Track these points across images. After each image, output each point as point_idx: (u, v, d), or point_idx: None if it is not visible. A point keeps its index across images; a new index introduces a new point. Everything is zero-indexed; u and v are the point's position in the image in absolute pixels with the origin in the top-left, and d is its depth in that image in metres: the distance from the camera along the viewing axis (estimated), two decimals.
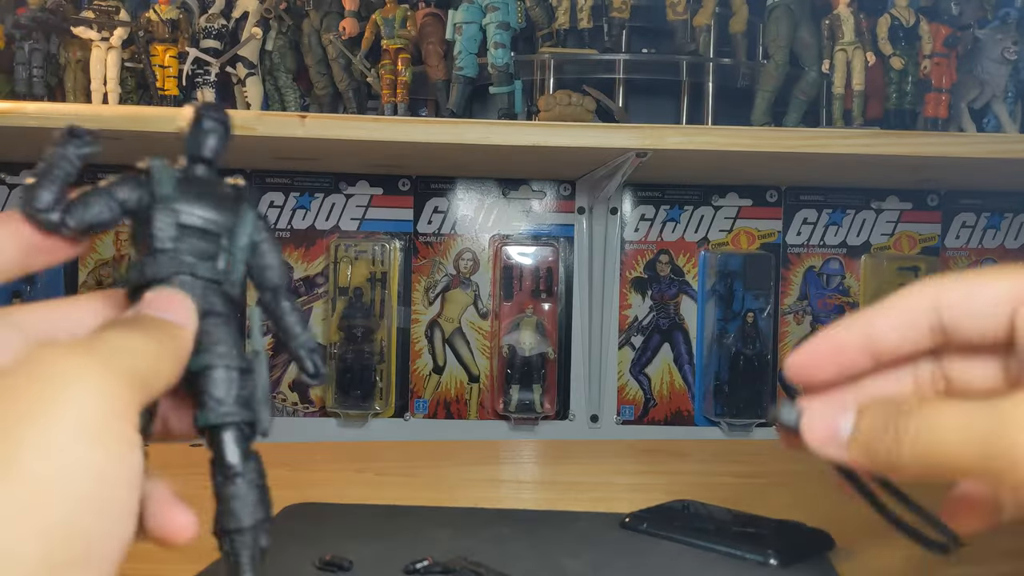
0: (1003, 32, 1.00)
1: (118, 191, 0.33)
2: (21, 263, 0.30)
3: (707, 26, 1.02)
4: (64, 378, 0.24)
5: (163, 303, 0.30)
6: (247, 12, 1.01)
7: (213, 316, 0.31)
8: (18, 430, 0.22)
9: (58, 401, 0.23)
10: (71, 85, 1.01)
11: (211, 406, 0.30)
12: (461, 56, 0.97)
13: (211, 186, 0.35)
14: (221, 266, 0.32)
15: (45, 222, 0.30)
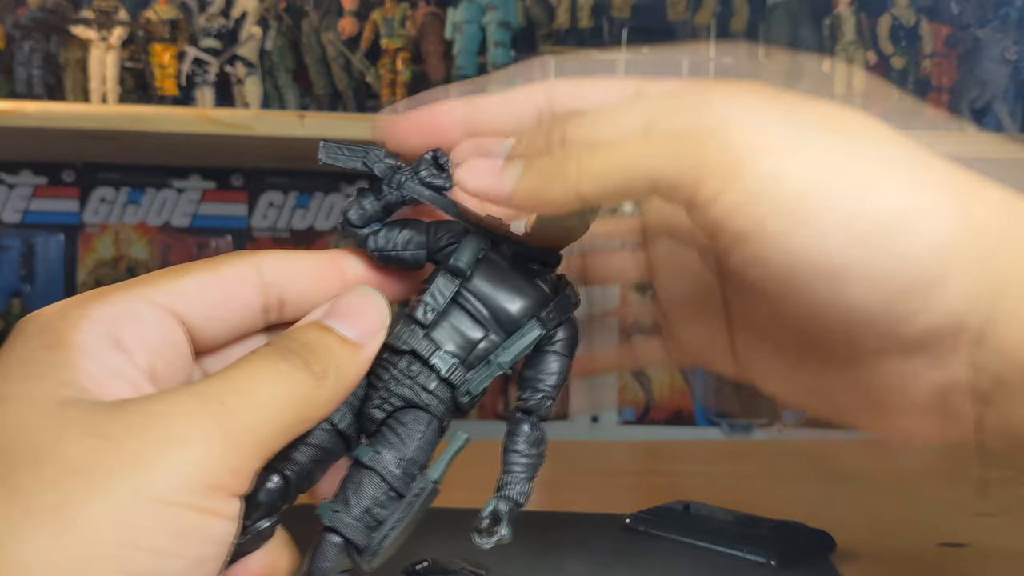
0: (1003, 32, 1.00)
1: (439, 231, 0.28)
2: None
3: (707, 25, 1.02)
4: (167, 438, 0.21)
5: (354, 314, 0.26)
6: (246, 12, 1.01)
7: (422, 412, 0.27)
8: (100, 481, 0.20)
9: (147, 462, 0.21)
10: (71, 85, 1.01)
11: (338, 505, 0.26)
12: (461, 55, 0.97)
13: (521, 274, 0.28)
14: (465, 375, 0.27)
15: (355, 237, 0.27)
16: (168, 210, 1.14)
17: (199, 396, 0.22)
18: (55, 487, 0.20)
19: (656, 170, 0.23)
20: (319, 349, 0.25)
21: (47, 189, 1.14)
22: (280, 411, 0.23)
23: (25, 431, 0.21)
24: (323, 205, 1.15)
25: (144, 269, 1.14)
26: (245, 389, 0.23)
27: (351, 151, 0.28)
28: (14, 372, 0.22)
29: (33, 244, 1.13)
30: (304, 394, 0.24)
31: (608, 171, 0.24)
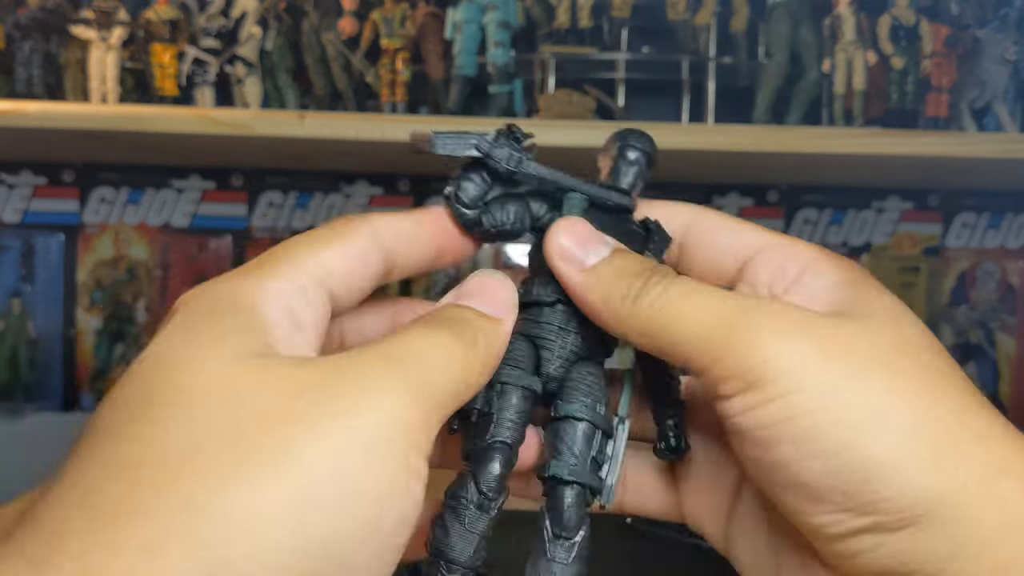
0: (1003, 32, 0.99)
1: (534, 204, 0.30)
2: (431, 261, 0.29)
3: (708, 25, 1.02)
4: (368, 390, 0.22)
5: (485, 292, 0.27)
6: (246, 12, 1.01)
7: (591, 361, 0.30)
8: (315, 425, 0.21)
9: (355, 410, 0.21)
10: (71, 85, 1.01)
11: (566, 459, 0.27)
12: (460, 55, 0.97)
13: (620, 222, 0.31)
14: None
15: (464, 217, 0.29)
16: (168, 210, 1.14)
17: (381, 356, 0.23)
18: (271, 433, 0.20)
19: (694, 352, 0.26)
20: (464, 321, 0.26)
21: (47, 189, 1.14)
22: (450, 375, 0.24)
23: (233, 383, 0.21)
24: (323, 205, 1.15)
25: (144, 269, 1.14)
26: (419, 352, 0.24)
27: (458, 138, 0.29)
28: (204, 335, 0.22)
29: (33, 244, 1.13)
30: (464, 360, 0.25)
31: (655, 333, 0.27)
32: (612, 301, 0.27)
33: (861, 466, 0.24)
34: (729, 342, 0.25)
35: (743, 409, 0.25)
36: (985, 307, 1.19)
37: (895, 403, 0.24)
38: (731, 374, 0.25)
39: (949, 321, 1.19)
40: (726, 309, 0.26)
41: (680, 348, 0.26)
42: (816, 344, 0.25)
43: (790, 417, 0.25)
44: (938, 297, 1.18)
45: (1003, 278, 1.19)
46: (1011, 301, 1.20)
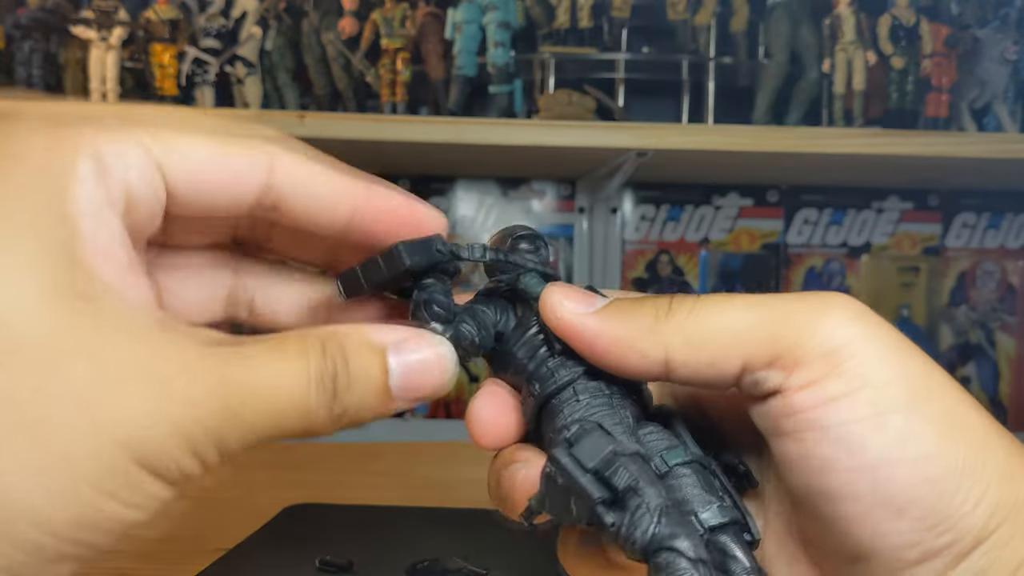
0: (1003, 32, 1.00)
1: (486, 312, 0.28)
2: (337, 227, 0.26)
3: (707, 25, 1.02)
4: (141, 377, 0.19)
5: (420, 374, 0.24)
6: (246, 12, 1.01)
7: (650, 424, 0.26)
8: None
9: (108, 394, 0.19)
10: (71, 85, 1.01)
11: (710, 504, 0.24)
12: (461, 55, 0.97)
13: None
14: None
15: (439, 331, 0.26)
16: None
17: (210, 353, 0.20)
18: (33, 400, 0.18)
19: (754, 346, 0.23)
20: (358, 390, 0.22)
21: None
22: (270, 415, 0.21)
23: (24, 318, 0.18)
24: None
25: None
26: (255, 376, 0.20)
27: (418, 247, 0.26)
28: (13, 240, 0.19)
29: None
30: (307, 419, 0.21)
31: (704, 337, 0.24)
32: (643, 319, 0.24)
33: (947, 474, 0.22)
34: (799, 324, 0.23)
35: (824, 400, 0.22)
36: (985, 307, 1.19)
37: (961, 407, 0.23)
38: (809, 357, 0.22)
39: (949, 321, 1.19)
40: (775, 303, 0.24)
41: (737, 347, 0.23)
42: (889, 335, 0.23)
43: (883, 412, 0.22)
44: (938, 297, 1.18)
45: (1003, 278, 1.19)
46: (1011, 301, 1.20)
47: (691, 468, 0.24)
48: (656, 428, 0.25)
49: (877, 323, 0.23)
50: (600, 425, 0.24)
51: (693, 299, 0.24)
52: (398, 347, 0.24)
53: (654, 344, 0.24)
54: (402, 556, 0.65)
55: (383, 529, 0.73)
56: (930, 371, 0.23)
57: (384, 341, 0.23)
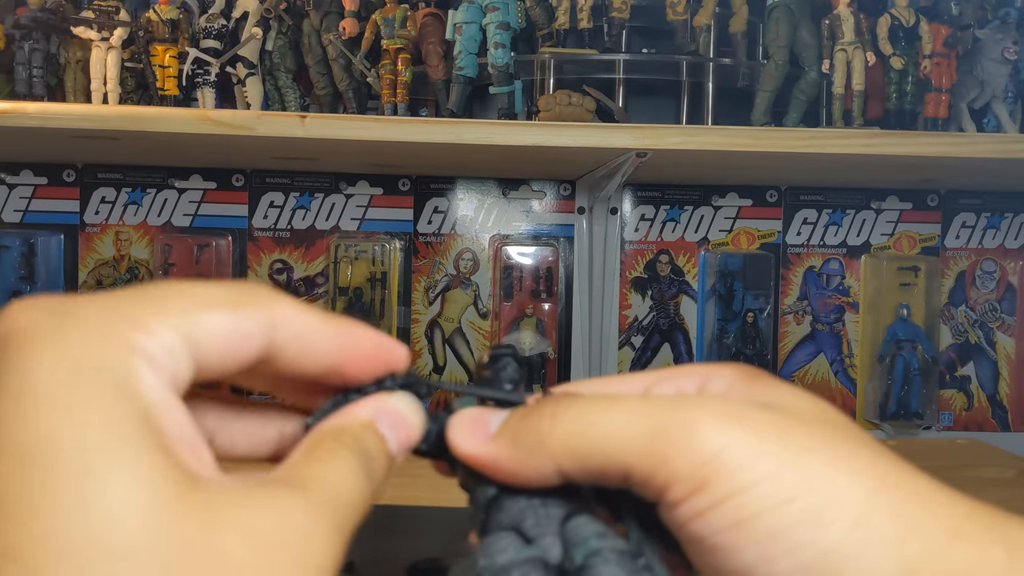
0: (1003, 32, 1.00)
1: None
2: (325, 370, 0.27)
3: (707, 26, 1.02)
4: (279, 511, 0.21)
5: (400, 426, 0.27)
6: (247, 12, 1.01)
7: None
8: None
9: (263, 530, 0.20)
10: (71, 85, 1.01)
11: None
12: (461, 56, 0.97)
13: None
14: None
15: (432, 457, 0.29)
16: (168, 210, 1.15)
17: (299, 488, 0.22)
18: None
19: (633, 460, 0.24)
20: (375, 456, 0.25)
21: (47, 189, 1.14)
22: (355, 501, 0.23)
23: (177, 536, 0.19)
24: (323, 205, 1.15)
25: (145, 269, 1.15)
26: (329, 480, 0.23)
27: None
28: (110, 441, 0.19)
29: (34, 244, 1.13)
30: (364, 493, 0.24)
31: (587, 451, 0.25)
32: (529, 437, 0.25)
33: (827, 557, 0.23)
34: (672, 440, 0.24)
35: (697, 513, 0.23)
36: (984, 307, 1.20)
37: (846, 485, 0.23)
38: (679, 475, 0.23)
39: (948, 321, 1.19)
40: (656, 408, 0.25)
41: (620, 459, 0.24)
42: (757, 432, 0.24)
43: (751, 516, 0.23)
44: (937, 297, 1.18)
45: (1002, 278, 1.20)
46: (1011, 301, 1.20)
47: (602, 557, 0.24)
48: (586, 520, 0.25)
49: (748, 423, 0.24)
50: (518, 529, 0.25)
51: (576, 408, 0.25)
52: (377, 416, 0.26)
53: (545, 461, 0.25)
54: (402, 556, 0.66)
55: (383, 529, 0.73)
56: (807, 452, 0.24)
57: (367, 416, 0.26)
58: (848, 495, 0.23)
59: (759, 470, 0.23)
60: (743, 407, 0.25)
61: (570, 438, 0.25)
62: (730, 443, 0.24)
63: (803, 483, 0.23)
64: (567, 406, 0.25)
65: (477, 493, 0.27)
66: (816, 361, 1.18)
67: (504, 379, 0.29)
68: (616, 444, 0.24)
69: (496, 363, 0.29)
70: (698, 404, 0.25)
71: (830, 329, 1.18)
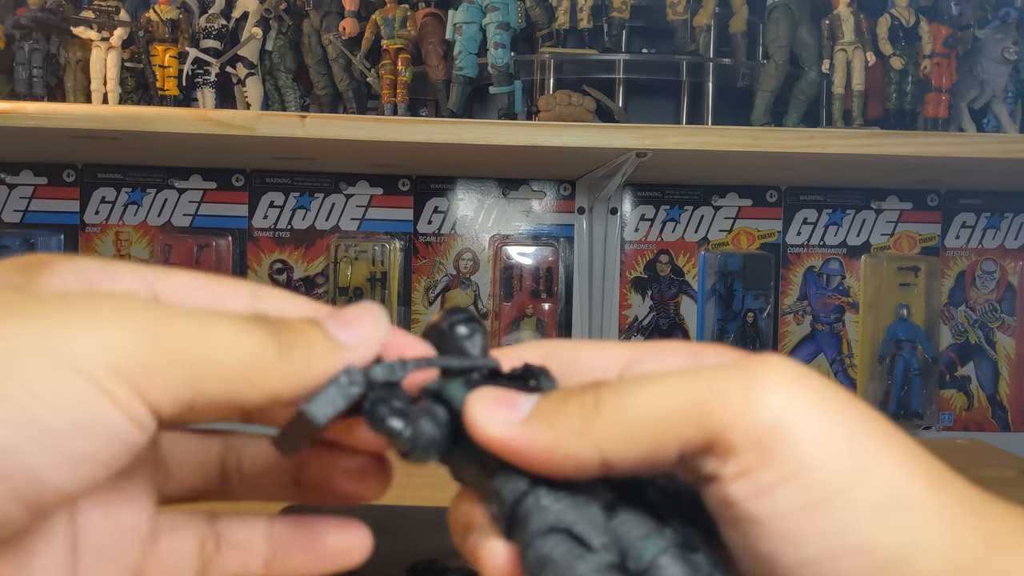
0: (1003, 32, 1.00)
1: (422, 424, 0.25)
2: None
3: (707, 26, 1.02)
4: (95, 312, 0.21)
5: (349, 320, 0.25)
6: (247, 12, 1.01)
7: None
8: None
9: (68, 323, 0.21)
10: (71, 85, 1.01)
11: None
12: (461, 56, 0.97)
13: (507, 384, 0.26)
14: None
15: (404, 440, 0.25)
16: (168, 210, 1.15)
17: (150, 303, 0.22)
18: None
19: (687, 432, 0.22)
20: (295, 330, 0.24)
21: (47, 189, 1.14)
22: (228, 358, 0.22)
23: None
24: (323, 205, 1.15)
25: None
26: (202, 321, 0.22)
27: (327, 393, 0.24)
28: None
29: (34, 244, 1.13)
30: (261, 357, 0.23)
31: (636, 432, 0.23)
32: (570, 421, 0.23)
33: (889, 559, 0.21)
34: (730, 404, 0.22)
35: (761, 490, 0.21)
36: (984, 307, 1.20)
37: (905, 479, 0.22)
38: (740, 444, 0.22)
39: (948, 321, 1.19)
40: (707, 376, 0.23)
41: (673, 435, 0.22)
42: (821, 399, 0.22)
43: (818, 500, 0.21)
44: (937, 297, 1.18)
45: (1002, 278, 1.20)
46: (1011, 301, 1.20)
47: (670, 556, 0.23)
48: (629, 515, 0.24)
49: (812, 390, 0.22)
50: (570, 532, 0.23)
51: (618, 388, 0.23)
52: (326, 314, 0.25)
53: (587, 447, 0.23)
54: (401, 556, 0.66)
55: (383, 529, 0.73)
56: (865, 436, 0.22)
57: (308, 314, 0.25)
58: (909, 488, 0.22)
59: (824, 446, 0.21)
60: (802, 368, 0.23)
61: (616, 421, 0.23)
62: (793, 411, 0.22)
63: (867, 467, 0.22)
64: (608, 388, 0.23)
65: (502, 488, 0.24)
66: (816, 361, 1.18)
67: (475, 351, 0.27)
68: (668, 421, 0.22)
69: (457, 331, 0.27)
70: (756, 362, 0.22)
71: (830, 329, 1.18)
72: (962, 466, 0.25)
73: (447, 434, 0.25)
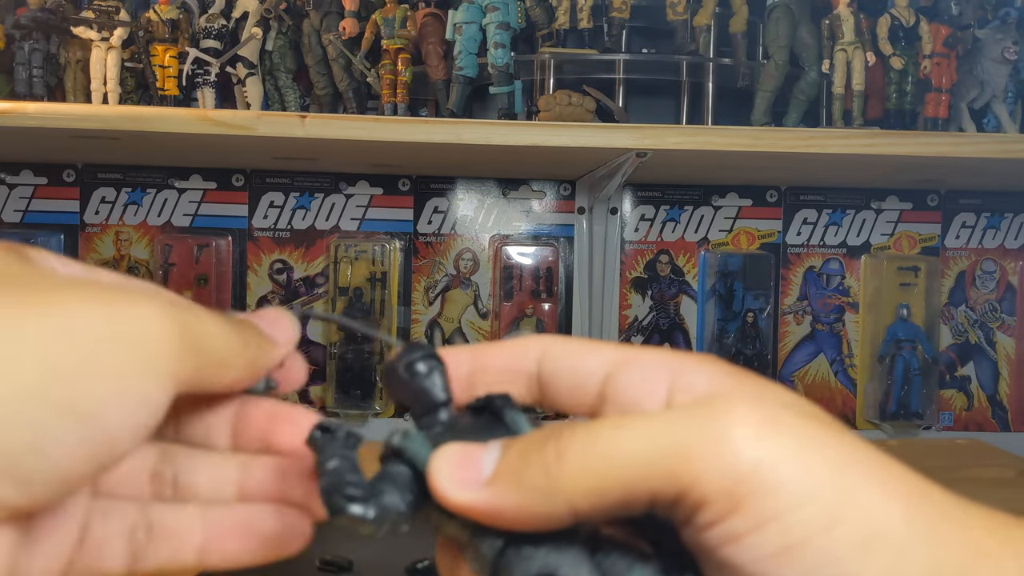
0: (1003, 32, 1.00)
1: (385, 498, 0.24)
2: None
3: (707, 26, 1.02)
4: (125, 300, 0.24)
5: (271, 321, 0.29)
6: (247, 12, 1.01)
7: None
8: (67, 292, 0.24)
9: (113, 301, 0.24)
10: (71, 85, 1.01)
11: None
12: (461, 56, 0.97)
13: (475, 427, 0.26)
14: None
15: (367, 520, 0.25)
16: (168, 210, 1.15)
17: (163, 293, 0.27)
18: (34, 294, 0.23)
19: (657, 483, 0.22)
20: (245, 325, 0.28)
21: (47, 189, 1.14)
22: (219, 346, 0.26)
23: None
24: (323, 205, 1.15)
25: (145, 269, 1.15)
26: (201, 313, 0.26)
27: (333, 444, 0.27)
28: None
29: (34, 244, 1.13)
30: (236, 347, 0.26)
31: (605, 485, 0.22)
32: (535, 477, 0.22)
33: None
34: (701, 455, 0.21)
35: (734, 537, 0.21)
36: (984, 307, 1.20)
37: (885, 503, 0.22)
38: (712, 495, 0.21)
39: (948, 321, 1.19)
40: (677, 421, 0.22)
41: (643, 486, 0.22)
42: (796, 442, 0.22)
43: (798, 542, 0.21)
44: (937, 297, 1.18)
45: (1002, 278, 1.20)
46: (1011, 301, 1.20)
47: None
48: (613, 549, 0.23)
49: (784, 433, 0.22)
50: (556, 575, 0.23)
51: (583, 437, 0.22)
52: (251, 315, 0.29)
53: (555, 502, 0.22)
54: (401, 556, 0.66)
55: None
56: (842, 466, 0.22)
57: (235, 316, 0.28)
58: (889, 518, 0.22)
59: (803, 489, 0.21)
60: (774, 408, 0.22)
61: (583, 473, 0.22)
62: (768, 456, 0.21)
63: (846, 503, 0.21)
64: (571, 435, 0.23)
65: (480, 545, 0.24)
66: (816, 361, 1.18)
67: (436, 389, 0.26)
68: (636, 471, 0.22)
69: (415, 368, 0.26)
70: (725, 409, 0.22)
71: (830, 329, 1.18)
72: (962, 466, 0.25)
73: (414, 497, 0.24)
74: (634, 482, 0.22)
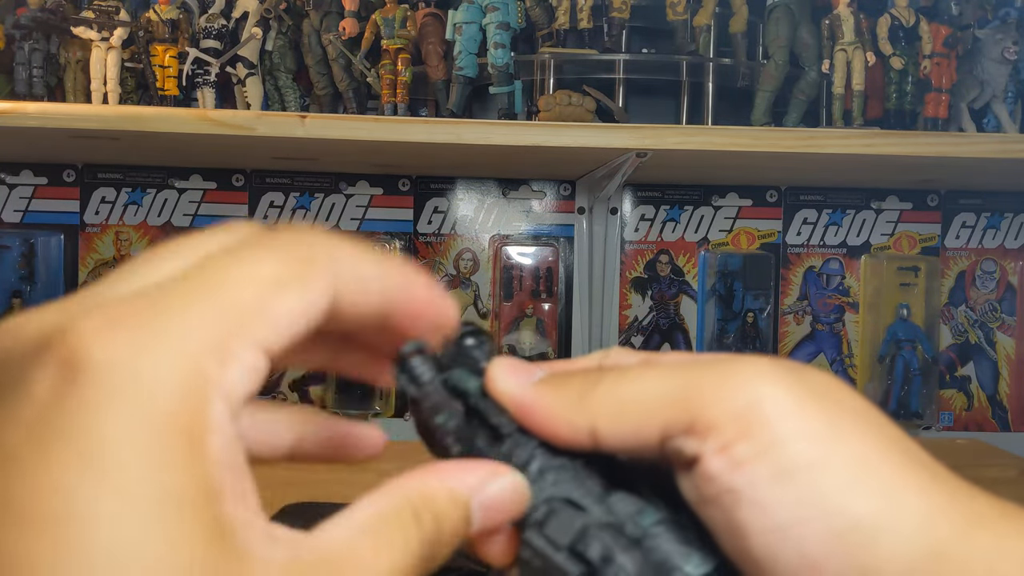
0: (1003, 32, 1.00)
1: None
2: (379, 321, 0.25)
3: (707, 26, 1.02)
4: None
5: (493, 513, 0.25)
6: (247, 12, 1.01)
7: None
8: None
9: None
10: (71, 85, 1.01)
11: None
12: (461, 56, 0.97)
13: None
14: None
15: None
16: (168, 210, 1.15)
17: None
18: None
19: (671, 413, 0.24)
20: (447, 540, 0.24)
21: (47, 189, 1.14)
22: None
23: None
24: (323, 205, 1.15)
25: None
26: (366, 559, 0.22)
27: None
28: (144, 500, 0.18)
29: (34, 244, 1.13)
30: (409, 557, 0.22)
31: (624, 408, 0.25)
32: (570, 392, 0.26)
33: (858, 526, 0.22)
34: (710, 390, 0.24)
35: (738, 463, 0.23)
36: (984, 307, 1.20)
37: (878, 457, 0.23)
38: (720, 422, 0.23)
39: (948, 321, 1.19)
40: (691, 366, 0.25)
41: (657, 415, 0.24)
42: (791, 386, 0.24)
43: (792, 469, 0.23)
44: (937, 297, 1.18)
45: (1002, 278, 1.20)
46: (1010, 301, 1.20)
47: (664, 526, 0.24)
48: (624, 495, 0.25)
49: (787, 374, 0.24)
50: (569, 500, 0.25)
51: (618, 372, 0.26)
52: (479, 491, 0.25)
53: (581, 416, 0.25)
54: None
55: None
56: (841, 417, 0.24)
57: (467, 489, 0.25)
58: (881, 468, 0.23)
59: (798, 422, 0.23)
60: (776, 363, 0.25)
61: (608, 399, 0.25)
62: (769, 393, 0.24)
63: (839, 446, 0.23)
64: (605, 372, 0.26)
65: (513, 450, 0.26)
66: (816, 361, 1.18)
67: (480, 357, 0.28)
68: (653, 403, 0.25)
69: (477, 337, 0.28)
70: (733, 358, 0.25)
71: (830, 329, 1.18)
72: (962, 466, 0.25)
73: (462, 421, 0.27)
74: (650, 411, 0.24)
